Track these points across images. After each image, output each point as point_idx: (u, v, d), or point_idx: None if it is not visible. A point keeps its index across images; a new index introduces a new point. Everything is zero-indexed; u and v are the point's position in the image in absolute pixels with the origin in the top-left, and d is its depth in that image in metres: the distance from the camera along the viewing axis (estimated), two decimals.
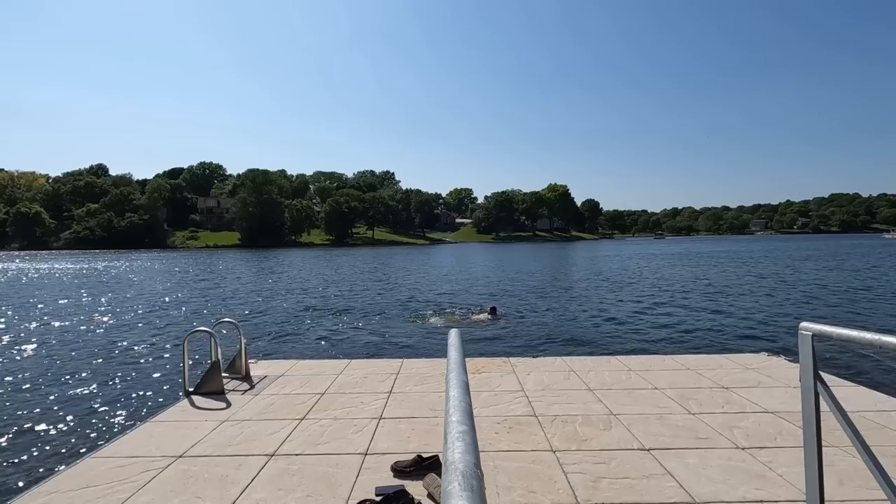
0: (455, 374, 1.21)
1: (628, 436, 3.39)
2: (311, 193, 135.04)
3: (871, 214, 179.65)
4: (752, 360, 5.40)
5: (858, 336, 1.66)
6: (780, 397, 4.11)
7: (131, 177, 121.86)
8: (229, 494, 2.65)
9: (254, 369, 5.25)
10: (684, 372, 4.96)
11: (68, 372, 7.30)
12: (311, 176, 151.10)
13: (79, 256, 59.77)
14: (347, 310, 13.75)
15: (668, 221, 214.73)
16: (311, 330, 10.83)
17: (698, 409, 3.89)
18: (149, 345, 9.31)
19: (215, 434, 3.52)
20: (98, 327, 11.42)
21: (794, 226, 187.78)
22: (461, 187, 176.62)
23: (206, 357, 7.05)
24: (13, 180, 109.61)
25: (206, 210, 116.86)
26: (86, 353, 8.60)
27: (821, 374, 1.90)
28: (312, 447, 3.27)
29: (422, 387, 4.61)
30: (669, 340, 9.32)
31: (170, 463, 3.05)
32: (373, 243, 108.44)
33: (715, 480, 2.73)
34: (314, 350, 8.95)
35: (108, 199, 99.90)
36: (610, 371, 5.04)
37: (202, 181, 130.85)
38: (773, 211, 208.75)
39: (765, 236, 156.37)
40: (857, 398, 4.02)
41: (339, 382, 4.79)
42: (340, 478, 2.83)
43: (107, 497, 2.65)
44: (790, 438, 3.28)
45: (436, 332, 10.26)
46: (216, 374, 4.49)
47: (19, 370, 7.47)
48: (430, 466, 2.85)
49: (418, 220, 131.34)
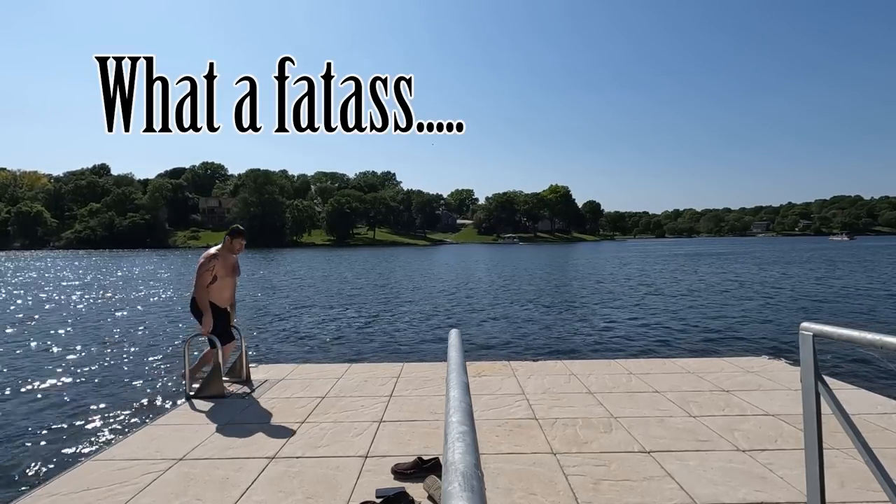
0: (455, 375, 1.21)
1: (629, 438, 3.38)
2: (312, 194, 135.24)
3: (873, 217, 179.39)
4: (753, 364, 5.40)
5: (859, 336, 1.65)
6: (780, 400, 4.11)
7: (133, 176, 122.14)
8: (229, 497, 2.66)
9: (254, 373, 5.26)
10: (685, 375, 4.96)
11: (68, 374, 7.31)
12: (313, 176, 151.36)
13: (80, 257, 59.86)
14: (348, 313, 13.75)
15: (669, 223, 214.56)
16: (312, 334, 10.83)
17: (699, 411, 3.89)
18: (149, 347, 9.32)
19: (216, 437, 3.52)
20: (99, 329, 11.43)
21: (795, 228, 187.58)
22: (462, 188, 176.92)
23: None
24: (15, 179, 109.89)
25: (208, 210, 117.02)
26: (86, 356, 8.61)
27: (821, 374, 1.89)
28: (313, 450, 3.27)
29: (422, 390, 4.61)
30: (669, 344, 9.31)
31: (170, 465, 3.06)
32: (374, 244, 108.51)
33: (715, 482, 2.73)
34: (315, 354, 8.94)
35: (110, 199, 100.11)
36: (610, 374, 5.04)
37: (204, 181, 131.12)
38: (774, 213, 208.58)
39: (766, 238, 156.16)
40: (857, 401, 4.02)
41: (339, 386, 4.80)
42: (341, 480, 2.83)
43: (107, 499, 2.65)
44: (791, 441, 3.28)
45: (436, 336, 10.26)
46: (217, 377, 4.50)
47: (18, 371, 7.48)
48: (430, 469, 2.85)
49: (419, 220, 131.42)
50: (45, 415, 5.50)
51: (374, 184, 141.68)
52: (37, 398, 6.12)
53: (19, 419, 5.36)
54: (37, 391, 6.41)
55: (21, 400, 6.05)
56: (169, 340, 9.95)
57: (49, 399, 6.07)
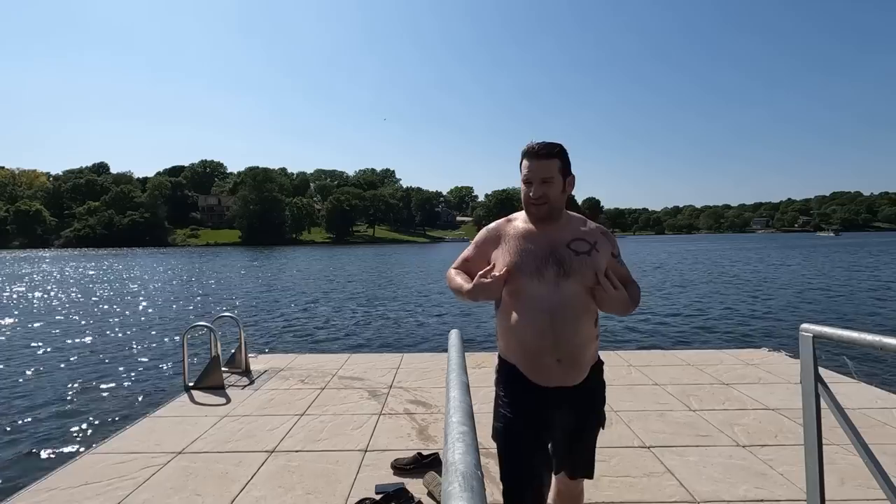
0: (455, 375, 1.21)
1: (629, 433, 3.38)
2: (311, 191, 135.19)
3: (873, 213, 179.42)
4: (753, 356, 5.39)
5: (859, 337, 1.66)
6: (780, 394, 4.10)
7: (132, 175, 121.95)
8: (229, 492, 2.65)
9: (254, 364, 5.26)
10: (685, 368, 4.95)
11: (67, 367, 7.31)
12: (312, 174, 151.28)
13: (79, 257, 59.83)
14: (347, 305, 13.75)
15: (668, 220, 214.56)
16: (312, 324, 10.84)
17: (699, 405, 3.89)
18: (148, 340, 9.32)
19: (215, 430, 3.52)
20: (98, 323, 11.43)
21: (795, 224, 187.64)
22: (462, 185, 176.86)
23: (206, 352, 7.05)
24: (14, 178, 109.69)
25: (207, 208, 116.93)
26: (85, 348, 8.61)
27: (821, 374, 1.89)
28: (312, 444, 3.26)
29: (422, 381, 4.61)
30: (669, 336, 9.31)
31: (169, 459, 3.05)
32: (373, 241, 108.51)
33: (715, 479, 2.72)
34: (314, 345, 8.95)
35: (109, 197, 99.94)
36: (610, 366, 4.99)
37: (203, 179, 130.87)
38: (774, 209, 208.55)
39: (766, 234, 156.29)
40: (858, 395, 4.01)
41: (339, 377, 4.79)
42: (340, 475, 2.82)
43: (106, 494, 2.64)
44: (791, 436, 3.27)
45: (436, 327, 10.27)
46: (216, 368, 4.50)
47: (17, 366, 7.47)
48: (430, 464, 2.84)
49: (419, 218, 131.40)
50: (43, 408, 5.50)
51: (374, 181, 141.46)
52: (34, 392, 6.11)
53: (17, 413, 5.35)
54: (35, 385, 6.41)
55: (19, 394, 6.05)
56: (167, 333, 9.95)
57: (47, 392, 6.07)
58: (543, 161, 1.58)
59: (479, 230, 1.81)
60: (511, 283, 1.60)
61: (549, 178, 1.58)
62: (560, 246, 1.60)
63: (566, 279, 1.56)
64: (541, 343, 1.56)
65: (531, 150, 1.60)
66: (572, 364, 1.59)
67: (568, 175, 1.64)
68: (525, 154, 1.62)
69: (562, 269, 1.56)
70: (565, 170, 1.63)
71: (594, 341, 1.65)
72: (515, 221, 1.72)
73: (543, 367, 1.59)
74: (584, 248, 1.61)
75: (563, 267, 1.57)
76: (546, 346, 1.56)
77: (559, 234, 1.63)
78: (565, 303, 1.55)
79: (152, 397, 5.76)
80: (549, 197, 1.59)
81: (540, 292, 1.56)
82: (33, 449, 4.44)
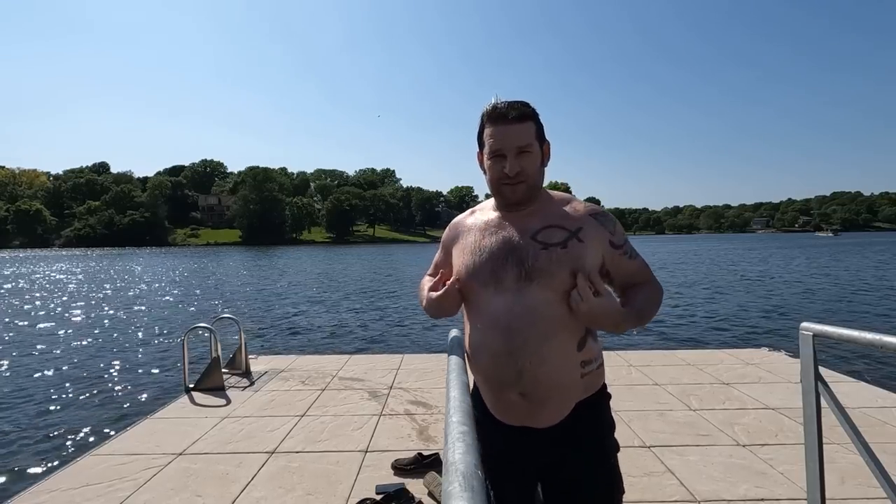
0: (455, 375, 1.21)
1: (629, 432, 3.38)
2: (311, 191, 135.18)
3: (873, 213, 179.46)
4: (753, 355, 5.39)
5: (859, 336, 1.65)
6: (780, 393, 4.10)
7: (132, 174, 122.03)
8: (229, 493, 2.65)
9: (254, 365, 5.26)
10: (685, 367, 4.95)
11: (67, 368, 7.31)
12: (312, 173, 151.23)
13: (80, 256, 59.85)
14: (347, 305, 13.76)
15: (669, 219, 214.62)
16: (312, 325, 10.84)
17: (699, 405, 3.89)
18: (149, 341, 9.32)
19: (216, 431, 3.52)
20: (98, 324, 11.43)
21: (795, 224, 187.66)
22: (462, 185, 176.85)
23: (206, 353, 7.06)
24: (14, 178, 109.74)
25: (207, 208, 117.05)
26: (85, 350, 8.61)
27: (822, 374, 1.90)
28: (313, 444, 3.26)
29: (422, 382, 4.61)
30: (669, 336, 9.31)
31: (170, 460, 3.05)
32: (373, 241, 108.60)
33: (716, 478, 2.72)
34: (315, 345, 8.95)
35: (109, 197, 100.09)
36: (610, 366, 5.00)
37: (203, 179, 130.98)
38: (774, 209, 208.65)
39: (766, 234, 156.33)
40: (858, 394, 4.01)
41: (339, 378, 4.79)
42: (341, 475, 2.82)
43: (107, 495, 2.64)
44: (791, 435, 3.27)
45: (436, 327, 10.27)
46: (216, 369, 4.50)
47: (17, 367, 7.48)
48: (430, 464, 2.84)
49: (419, 217, 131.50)
50: (43, 410, 5.50)
51: (374, 181, 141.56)
52: (34, 393, 6.11)
53: (17, 415, 5.35)
54: (34, 387, 6.41)
55: (19, 395, 6.05)
56: (167, 334, 9.95)
57: (47, 393, 6.07)
58: (516, 125, 1.18)
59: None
60: (466, 293, 1.24)
61: (527, 146, 1.18)
62: (523, 238, 1.18)
63: (528, 283, 1.14)
64: (499, 372, 1.18)
65: (499, 111, 1.19)
66: (540, 400, 1.17)
67: (544, 142, 1.25)
68: (489, 118, 1.20)
69: (523, 269, 1.15)
70: (541, 135, 1.24)
71: (577, 368, 1.19)
72: (479, 212, 1.34)
73: (506, 402, 1.21)
74: (558, 237, 1.17)
75: (524, 267, 1.15)
76: (506, 376, 1.17)
77: (524, 223, 1.21)
78: (527, 317, 1.13)
79: (153, 399, 5.75)
80: (528, 173, 1.19)
81: (496, 305, 1.17)
82: (34, 450, 4.44)
